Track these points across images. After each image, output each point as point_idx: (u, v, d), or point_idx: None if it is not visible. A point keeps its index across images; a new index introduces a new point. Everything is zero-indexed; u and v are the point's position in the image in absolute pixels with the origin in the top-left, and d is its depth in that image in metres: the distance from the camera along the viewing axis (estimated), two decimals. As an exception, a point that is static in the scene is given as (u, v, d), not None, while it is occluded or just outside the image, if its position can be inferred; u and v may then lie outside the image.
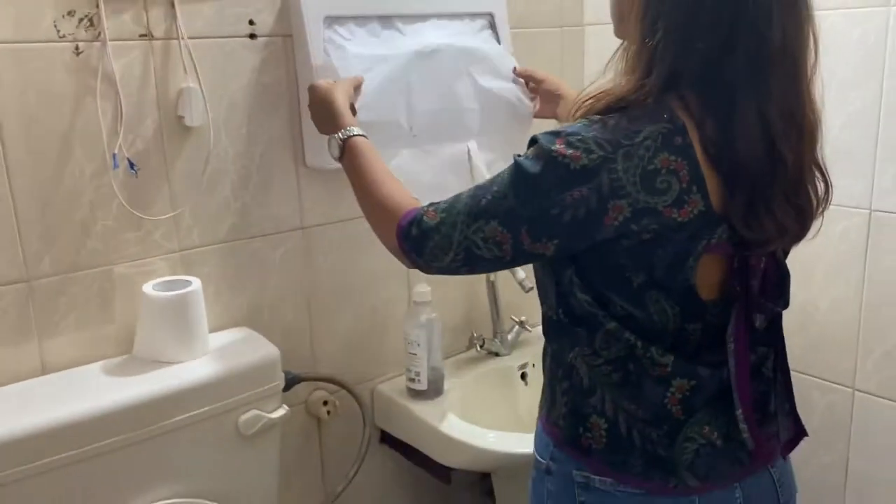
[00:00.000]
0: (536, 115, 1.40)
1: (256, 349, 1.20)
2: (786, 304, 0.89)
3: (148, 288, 1.13)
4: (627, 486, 0.87)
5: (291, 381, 1.29)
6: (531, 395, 1.57)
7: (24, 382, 1.10)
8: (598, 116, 0.80)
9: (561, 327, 0.89)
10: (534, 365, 1.59)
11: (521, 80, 1.40)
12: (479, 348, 1.58)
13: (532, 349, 1.61)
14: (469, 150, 1.36)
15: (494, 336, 1.61)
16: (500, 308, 1.59)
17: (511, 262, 0.84)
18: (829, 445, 1.46)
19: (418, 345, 1.40)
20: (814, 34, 0.79)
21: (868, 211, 1.33)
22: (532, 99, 1.40)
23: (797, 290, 0.92)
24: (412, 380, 1.42)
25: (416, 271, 0.94)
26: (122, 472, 1.05)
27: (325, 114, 1.11)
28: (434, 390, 1.43)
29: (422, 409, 1.39)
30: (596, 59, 1.69)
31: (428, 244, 0.87)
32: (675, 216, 0.77)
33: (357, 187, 1.02)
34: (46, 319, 1.11)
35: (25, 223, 1.08)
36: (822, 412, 1.45)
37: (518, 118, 1.40)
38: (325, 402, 1.40)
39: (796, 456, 0.94)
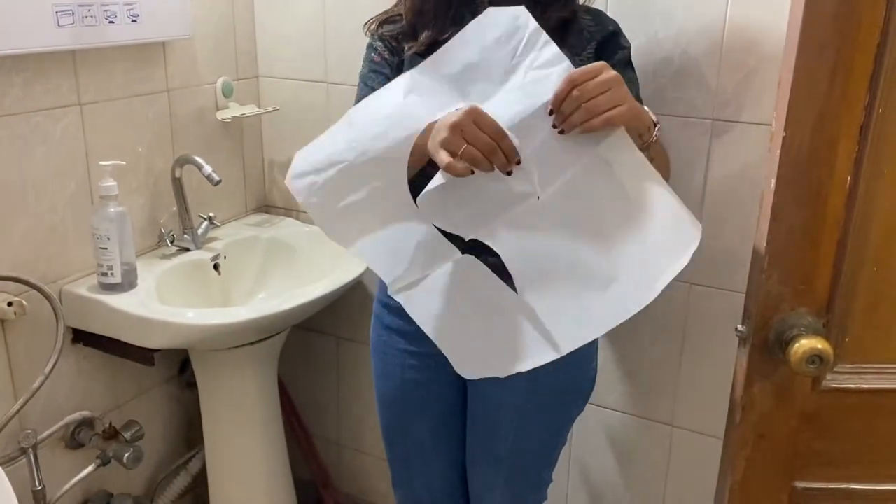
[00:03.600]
0: None
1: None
2: None
3: None
4: None
5: (-30, 281, 1.24)
6: (224, 282, 1.68)
7: None
8: None
9: None
10: (225, 257, 1.68)
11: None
12: (169, 244, 1.63)
13: (222, 242, 1.71)
14: None
15: (184, 233, 1.67)
16: (187, 204, 1.65)
17: None
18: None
19: (108, 238, 1.42)
20: None
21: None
22: None
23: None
24: (105, 274, 1.44)
25: (95, 167, 0.91)
26: None
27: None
28: (128, 283, 1.46)
29: (118, 300, 1.42)
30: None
31: None
32: None
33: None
34: None
35: None
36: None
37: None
38: (10, 304, 1.35)
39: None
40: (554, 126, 0.91)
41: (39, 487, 1.44)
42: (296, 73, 1.79)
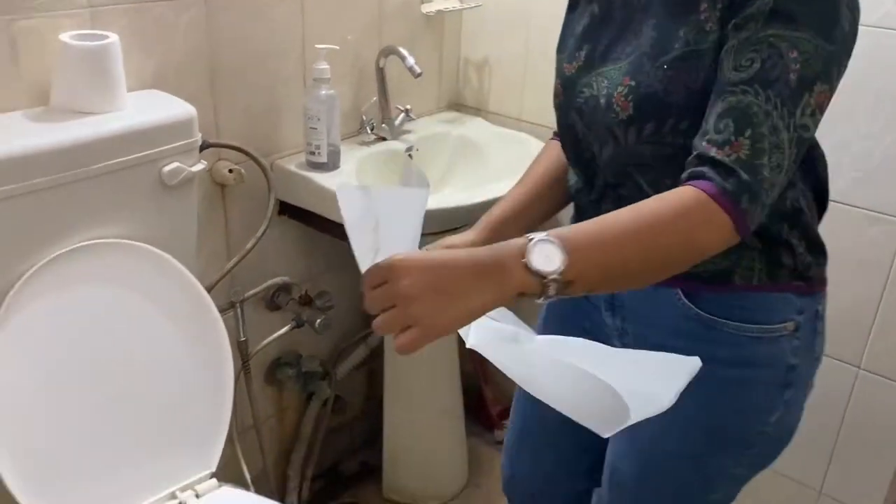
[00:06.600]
0: None
1: (173, 106, 1.27)
2: None
3: (66, 37, 1.15)
4: None
5: (202, 146, 1.37)
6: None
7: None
8: None
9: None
10: (417, 149, 1.75)
11: None
12: (370, 131, 1.71)
13: (415, 135, 1.77)
14: None
15: (383, 122, 1.74)
16: (388, 96, 1.72)
17: None
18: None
19: (318, 119, 1.51)
20: None
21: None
22: None
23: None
24: (312, 153, 1.54)
25: (310, 49, 0.96)
26: (52, 213, 1.11)
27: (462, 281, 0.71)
28: (332, 163, 1.56)
29: (323, 178, 1.52)
30: None
31: (762, 186, 0.72)
32: None
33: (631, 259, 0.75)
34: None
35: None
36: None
37: None
38: (231, 171, 1.49)
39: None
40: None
41: (243, 339, 1.60)
42: (501, -31, 1.78)
